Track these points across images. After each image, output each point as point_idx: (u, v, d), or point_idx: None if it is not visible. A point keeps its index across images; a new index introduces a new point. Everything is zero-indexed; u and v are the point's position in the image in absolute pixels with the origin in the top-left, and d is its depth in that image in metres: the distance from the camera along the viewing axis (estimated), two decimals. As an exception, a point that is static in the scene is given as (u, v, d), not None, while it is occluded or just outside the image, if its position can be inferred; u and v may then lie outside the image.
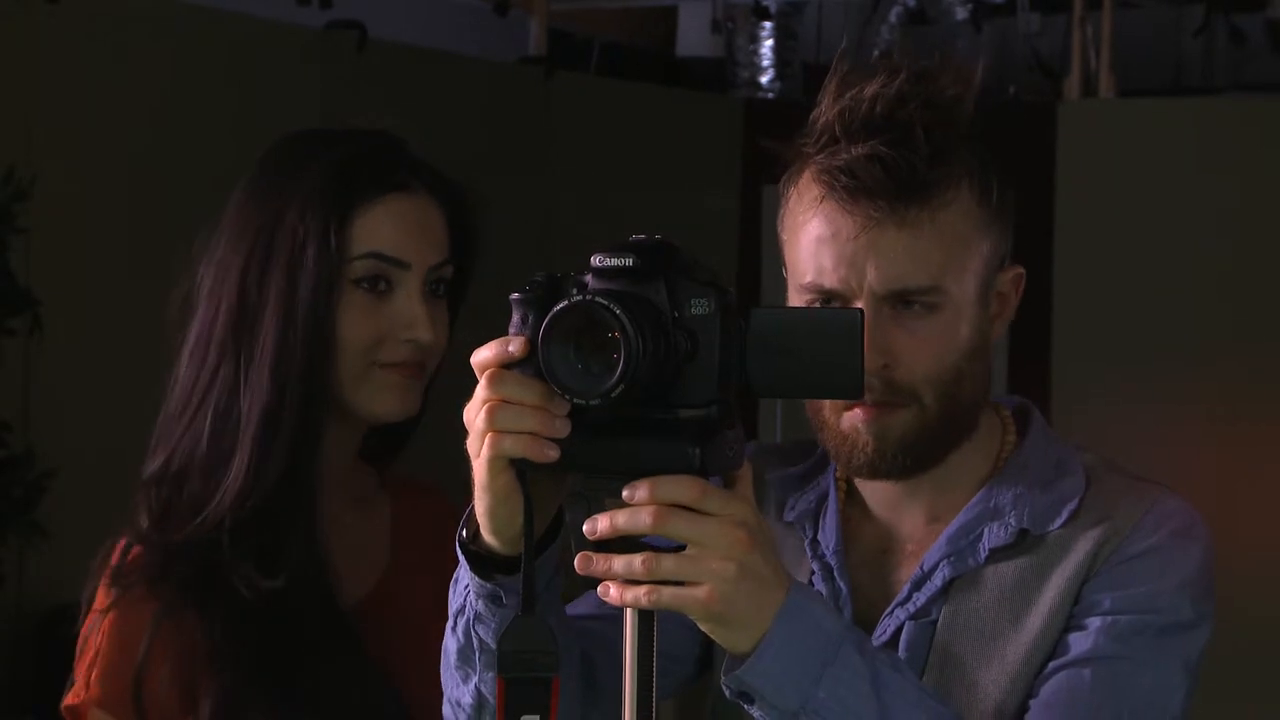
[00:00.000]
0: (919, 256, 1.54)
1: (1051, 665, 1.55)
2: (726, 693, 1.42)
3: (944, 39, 6.49)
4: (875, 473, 1.61)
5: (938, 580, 1.61)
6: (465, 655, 1.53)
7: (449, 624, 1.54)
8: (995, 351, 1.64)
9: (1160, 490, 1.62)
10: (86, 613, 1.79)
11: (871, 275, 1.54)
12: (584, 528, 1.35)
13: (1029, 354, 5.18)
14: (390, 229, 1.79)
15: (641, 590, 1.34)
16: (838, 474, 1.70)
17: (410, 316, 1.78)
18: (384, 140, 1.85)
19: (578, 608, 1.62)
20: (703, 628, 1.38)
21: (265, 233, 1.78)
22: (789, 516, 1.71)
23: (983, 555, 1.60)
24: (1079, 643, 1.54)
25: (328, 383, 1.77)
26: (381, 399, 1.79)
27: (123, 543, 1.79)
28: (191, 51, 4.11)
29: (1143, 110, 5.44)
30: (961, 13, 6.46)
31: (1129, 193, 5.21)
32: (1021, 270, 1.65)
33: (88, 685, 1.75)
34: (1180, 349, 5.10)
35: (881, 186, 1.52)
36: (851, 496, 1.69)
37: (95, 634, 1.76)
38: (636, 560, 1.33)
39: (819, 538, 1.68)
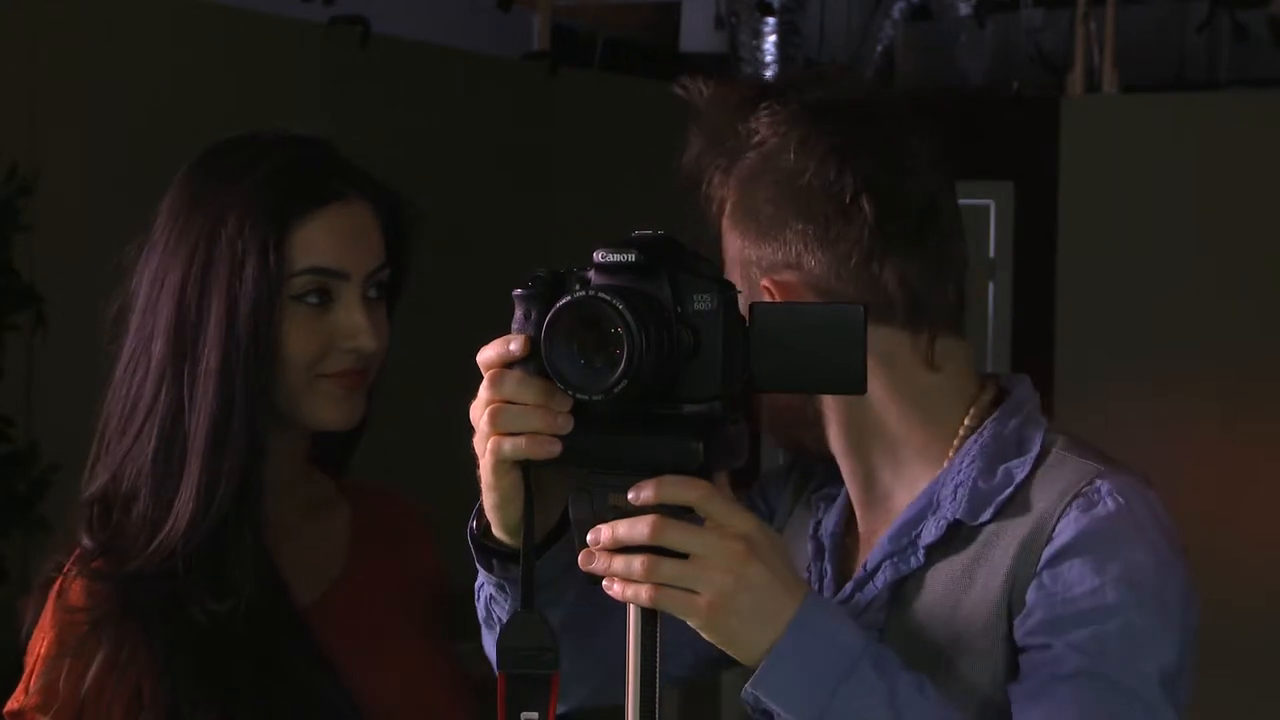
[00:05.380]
0: None
1: (1016, 691, 1.48)
2: (746, 707, 1.42)
3: (947, 34, 6.50)
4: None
5: (879, 583, 1.58)
6: (489, 624, 1.58)
7: (475, 594, 1.59)
8: (997, 347, 1.63)
9: (1098, 471, 1.54)
10: (30, 632, 1.79)
11: None
12: (588, 538, 1.35)
13: (1032, 350, 5.18)
14: (328, 242, 1.77)
15: (644, 589, 1.34)
16: None
17: (352, 327, 1.78)
18: (317, 148, 1.83)
19: None
20: (706, 638, 1.38)
21: (203, 247, 1.76)
22: (813, 496, 1.70)
23: (921, 555, 1.56)
24: (1043, 665, 1.47)
25: (272, 398, 1.77)
26: (325, 410, 1.79)
27: (68, 566, 1.78)
28: (194, 47, 4.12)
29: (1146, 105, 5.44)
30: (965, 8, 6.46)
31: (1132, 188, 5.21)
32: (777, 279, 1.61)
33: (28, 691, 1.75)
34: (1183, 344, 5.10)
35: None
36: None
37: (39, 641, 1.76)
38: (636, 562, 1.33)
39: (824, 519, 1.68)
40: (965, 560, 1.54)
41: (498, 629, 1.49)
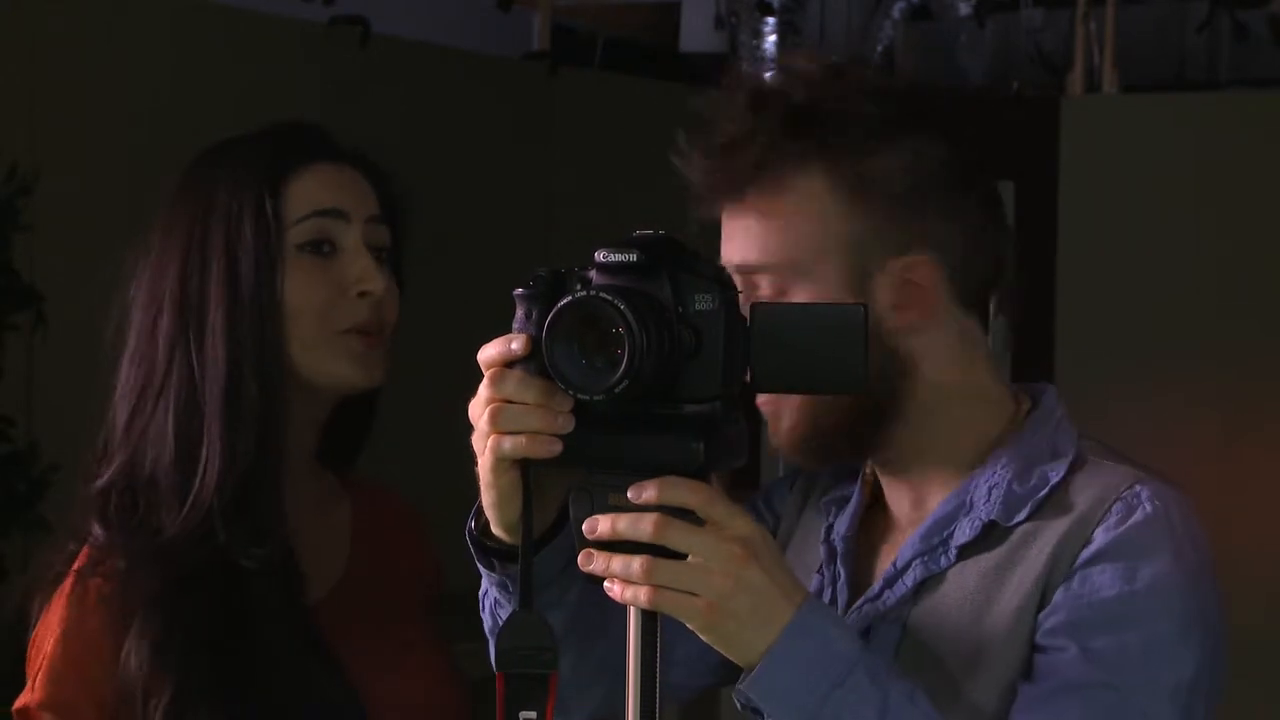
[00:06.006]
0: (752, 237, 1.56)
1: (1029, 692, 1.49)
2: (737, 704, 1.42)
3: (947, 34, 6.49)
4: (788, 458, 1.62)
5: (909, 580, 1.58)
6: (494, 631, 1.57)
7: (480, 603, 1.59)
8: (997, 347, 1.63)
9: (1138, 476, 1.56)
10: (36, 623, 1.79)
11: (725, 253, 1.58)
12: (584, 527, 1.35)
13: (1032, 350, 5.17)
14: (324, 189, 1.80)
15: (642, 590, 1.34)
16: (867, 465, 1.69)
17: (359, 270, 1.79)
18: (304, 124, 1.87)
19: None
20: (703, 638, 1.38)
21: (199, 222, 1.79)
22: (823, 500, 1.71)
23: (953, 554, 1.57)
24: (1057, 669, 1.48)
25: (282, 353, 1.77)
26: (345, 366, 1.79)
27: (80, 564, 1.78)
28: (195, 47, 4.11)
29: (1146, 105, 5.43)
30: (965, 8, 6.45)
31: (1132, 188, 5.20)
32: (924, 257, 1.58)
33: (34, 688, 1.75)
34: (1183, 344, 5.10)
35: (705, 178, 1.57)
36: (879, 485, 1.69)
37: (45, 638, 1.76)
38: (635, 563, 1.33)
39: (835, 523, 1.68)
40: (997, 558, 1.55)
41: None
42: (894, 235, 1.57)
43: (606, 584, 1.35)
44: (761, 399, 1.58)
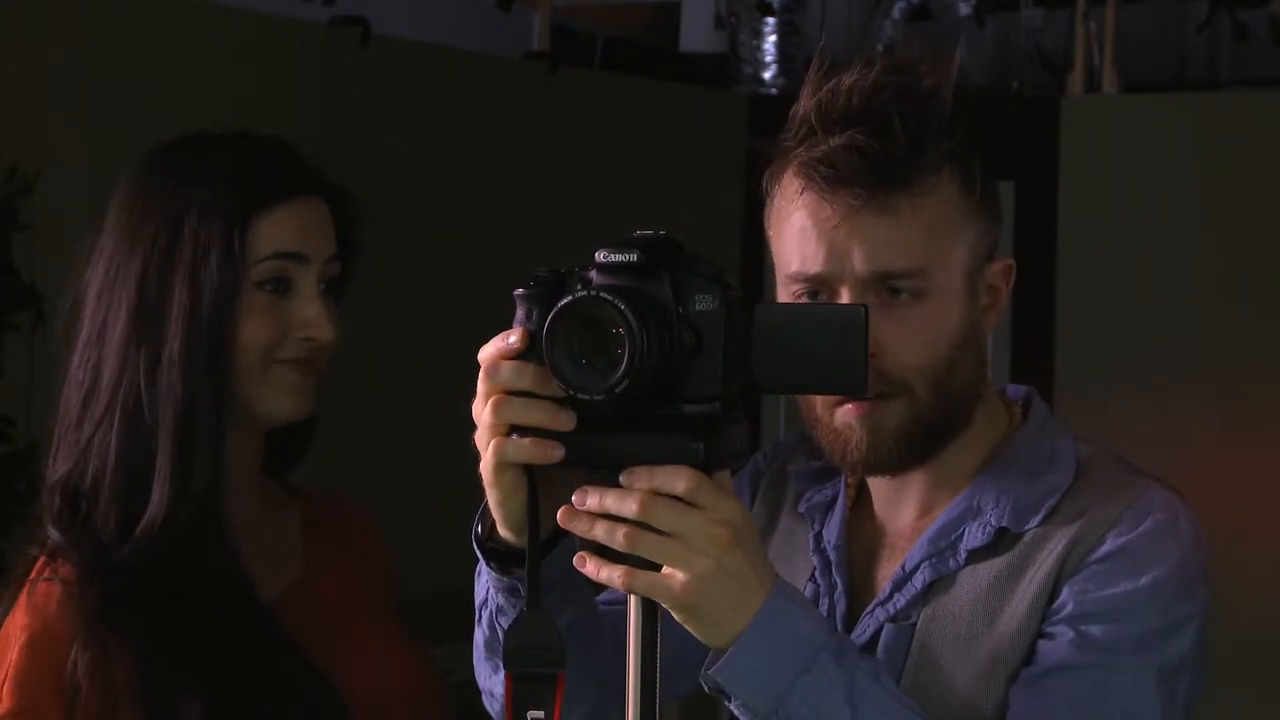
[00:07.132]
0: (901, 241, 1.54)
1: (1026, 673, 1.53)
2: (705, 687, 1.42)
3: (947, 34, 6.50)
4: (870, 468, 1.61)
5: (918, 582, 1.60)
6: (492, 647, 1.55)
7: (476, 616, 1.56)
8: (997, 347, 1.65)
9: (1147, 484, 1.59)
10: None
11: (856, 259, 1.54)
12: (574, 497, 1.35)
13: (1032, 350, 5.17)
14: (289, 229, 1.82)
15: (617, 571, 1.34)
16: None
17: (309, 316, 1.82)
18: (274, 144, 1.87)
19: (609, 594, 1.61)
20: (676, 617, 1.38)
21: (163, 237, 1.80)
22: (801, 508, 1.71)
23: (962, 557, 1.59)
24: (1054, 651, 1.53)
25: (233, 383, 1.79)
26: (277, 398, 1.82)
27: (40, 567, 1.79)
28: (195, 47, 4.11)
29: (1146, 105, 5.43)
30: (965, 8, 6.46)
31: (1132, 188, 5.20)
32: (1011, 262, 1.65)
33: (1, 697, 1.75)
34: (1183, 345, 5.10)
35: (860, 175, 1.53)
36: (862, 492, 1.70)
37: (10, 645, 1.76)
38: (619, 530, 1.33)
39: (823, 532, 1.69)
40: (1009, 562, 1.58)
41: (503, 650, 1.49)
42: (991, 238, 1.62)
43: (577, 559, 1.35)
44: (858, 406, 1.57)
